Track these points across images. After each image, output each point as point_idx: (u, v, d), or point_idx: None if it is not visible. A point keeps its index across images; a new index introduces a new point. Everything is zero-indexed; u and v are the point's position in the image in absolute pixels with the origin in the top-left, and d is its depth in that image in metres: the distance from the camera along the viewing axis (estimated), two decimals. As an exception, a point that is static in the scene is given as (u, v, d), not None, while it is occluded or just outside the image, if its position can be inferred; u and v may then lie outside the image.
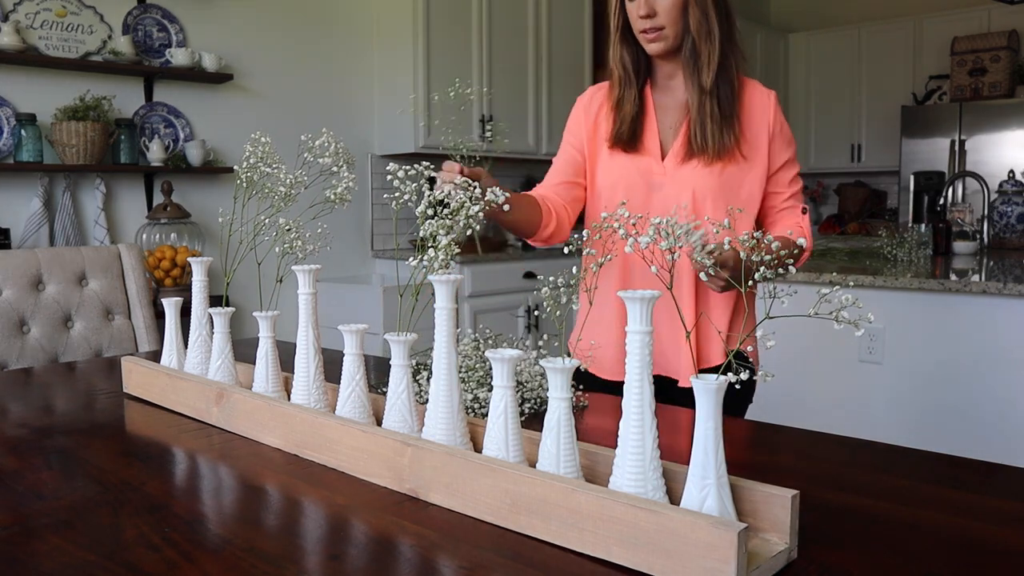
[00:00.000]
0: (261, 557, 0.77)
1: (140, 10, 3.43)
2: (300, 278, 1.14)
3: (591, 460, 0.89)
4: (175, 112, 3.54)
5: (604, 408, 1.33)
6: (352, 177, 1.14)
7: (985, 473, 1.03)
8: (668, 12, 1.46)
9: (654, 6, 1.46)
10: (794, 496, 0.75)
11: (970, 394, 2.53)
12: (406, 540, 0.81)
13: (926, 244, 3.34)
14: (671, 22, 1.46)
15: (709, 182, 1.50)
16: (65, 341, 2.08)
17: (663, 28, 1.47)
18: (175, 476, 1.03)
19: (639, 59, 1.56)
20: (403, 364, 1.01)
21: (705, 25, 1.46)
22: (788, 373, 2.81)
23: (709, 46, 1.47)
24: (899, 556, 0.77)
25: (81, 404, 1.43)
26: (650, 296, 0.78)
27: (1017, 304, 2.42)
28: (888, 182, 6.37)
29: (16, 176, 3.11)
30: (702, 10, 1.46)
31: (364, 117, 4.27)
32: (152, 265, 3.22)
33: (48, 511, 0.88)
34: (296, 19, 3.96)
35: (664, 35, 1.48)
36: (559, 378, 0.83)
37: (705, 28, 1.46)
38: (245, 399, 1.15)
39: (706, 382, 0.74)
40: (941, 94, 5.82)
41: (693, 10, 1.46)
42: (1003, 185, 3.77)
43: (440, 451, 0.89)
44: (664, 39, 1.48)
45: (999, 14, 5.61)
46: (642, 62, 1.57)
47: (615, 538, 0.74)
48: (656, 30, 1.47)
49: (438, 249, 0.96)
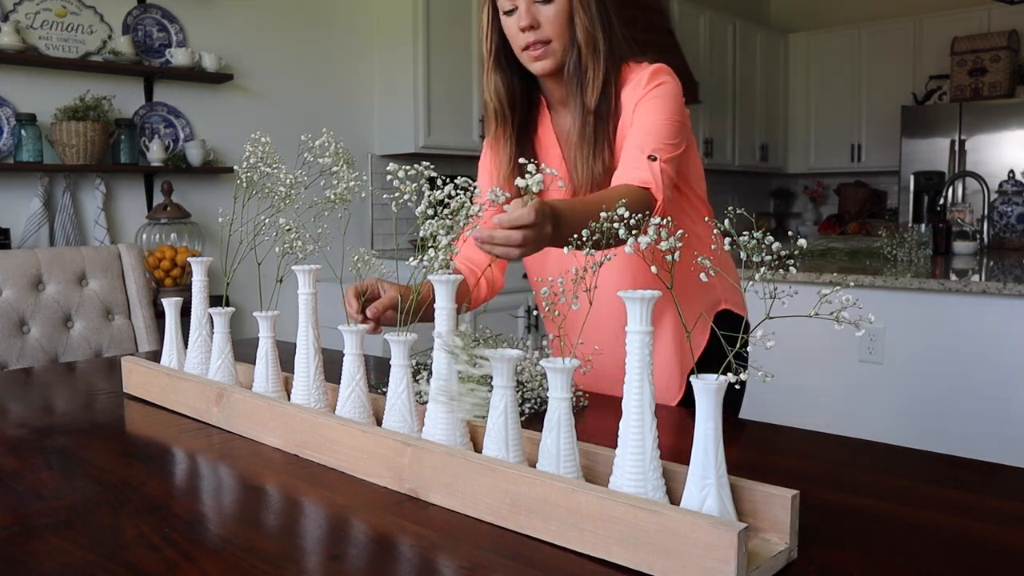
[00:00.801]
0: (261, 557, 0.77)
1: (140, 10, 3.43)
2: (300, 278, 1.14)
3: (591, 460, 0.89)
4: (175, 112, 3.54)
5: (604, 408, 1.33)
6: (355, 175, 1.14)
7: (985, 473, 1.03)
8: (552, 23, 1.28)
9: (537, 17, 1.28)
10: (794, 496, 0.75)
11: (970, 394, 2.53)
12: (406, 540, 0.81)
13: (926, 244, 3.34)
14: (557, 34, 1.29)
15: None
16: (65, 341, 2.08)
17: (549, 42, 1.29)
18: (175, 476, 1.03)
19: (514, 88, 1.37)
20: (403, 364, 1.01)
21: (592, 34, 1.29)
22: (788, 373, 2.81)
23: (595, 60, 1.30)
24: (899, 556, 0.77)
25: (81, 404, 1.43)
26: (650, 296, 0.78)
27: (1017, 304, 2.42)
28: (888, 182, 6.38)
29: (16, 176, 3.11)
30: (588, 16, 1.29)
31: (364, 117, 4.27)
32: (152, 265, 3.22)
33: (48, 511, 0.88)
34: (296, 19, 3.96)
35: (552, 49, 1.30)
36: (559, 378, 0.83)
37: (592, 38, 1.29)
38: (245, 399, 1.15)
39: (706, 382, 0.74)
40: (941, 94, 5.82)
41: (580, 18, 1.28)
42: (1003, 185, 3.77)
43: (440, 451, 0.89)
44: (552, 54, 1.30)
45: (999, 14, 5.61)
46: (518, 92, 1.38)
47: (615, 538, 0.74)
48: (542, 44, 1.29)
49: (438, 249, 0.96)
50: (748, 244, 0.73)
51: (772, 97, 6.62)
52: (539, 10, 1.28)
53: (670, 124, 1.28)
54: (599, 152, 1.30)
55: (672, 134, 1.27)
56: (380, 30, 4.25)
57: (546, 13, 1.28)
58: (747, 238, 0.73)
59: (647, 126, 1.27)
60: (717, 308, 1.50)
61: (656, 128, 1.26)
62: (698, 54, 5.80)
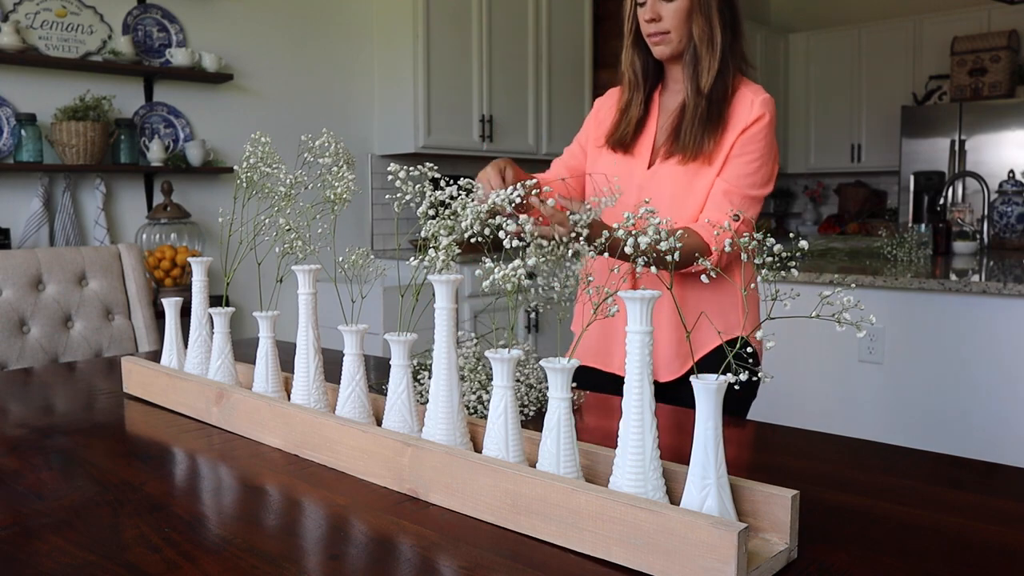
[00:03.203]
0: (261, 557, 0.77)
1: (140, 10, 3.43)
2: (300, 278, 1.14)
3: (591, 460, 0.89)
4: (175, 112, 3.54)
5: (604, 408, 1.33)
6: (352, 177, 1.14)
7: (985, 473, 1.03)
8: (672, 17, 1.50)
9: (660, 11, 1.50)
10: (794, 496, 0.75)
11: (970, 394, 2.53)
12: (406, 540, 0.81)
13: (926, 244, 3.34)
14: (676, 27, 1.50)
15: (681, 182, 1.52)
16: (65, 341, 2.08)
17: (668, 32, 1.51)
18: (175, 476, 1.03)
19: (648, 64, 1.60)
20: (403, 364, 1.01)
21: (708, 33, 1.50)
22: (788, 373, 2.81)
23: (710, 53, 1.50)
24: (899, 556, 0.77)
25: (81, 404, 1.43)
26: (650, 296, 0.78)
27: (1017, 304, 2.42)
28: (888, 182, 6.38)
29: (16, 176, 3.11)
30: (706, 18, 1.50)
31: (364, 117, 4.27)
32: (152, 265, 3.22)
33: (48, 511, 0.88)
34: (296, 19, 3.96)
35: (669, 39, 1.52)
36: (559, 378, 0.83)
37: (707, 36, 1.50)
38: (245, 399, 1.15)
39: (706, 382, 0.74)
40: (941, 94, 5.82)
41: (697, 17, 1.50)
42: (1003, 185, 3.77)
43: (440, 451, 0.89)
44: (669, 43, 1.52)
45: (999, 14, 5.61)
46: (651, 67, 1.60)
47: (615, 538, 0.74)
48: (662, 34, 1.52)
49: (439, 250, 0.96)
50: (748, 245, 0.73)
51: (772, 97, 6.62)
52: (662, 6, 1.50)
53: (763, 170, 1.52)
54: (711, 130, 1.50)
55: (761, 183, 1.52)
56: (380, 30, 4.25)
57: (667, 9, 1.50)
58: (748, 239, 0.73)
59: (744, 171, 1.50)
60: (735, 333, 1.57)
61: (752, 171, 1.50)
62: (698, 54, 5.79)
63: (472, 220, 0.95)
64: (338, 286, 1.09)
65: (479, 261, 0.90)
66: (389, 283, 3.82)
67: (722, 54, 1.51)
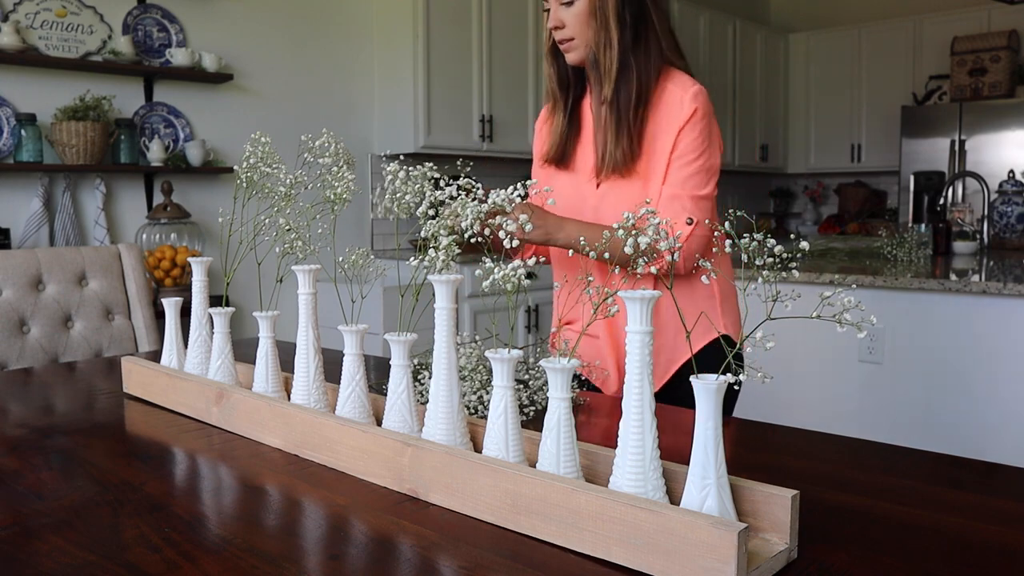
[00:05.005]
0: (261, 557, 0.77)
1: (140, 10, 3.43)
2: (300, 278, 1.14)
3: (591, 460, 0.89)
4: (175, 112, 3.54)
5: (604, 408, 1.33)
6: (352, 178, 1.13)
7: (985, 473, 1.03)
8: (574, 23, 1.46)
9: (562, 18, 1.46)
10: (794, 496, 0.75)
11: (970, 394, 2.53)
12: (406, 540, 0.81)
13: (926, 244, 3.34)
14: (578, 32, 1.46)
15: (633, 197, 1.45)
16: (65, 341, 2.08)
17: (573, 39, 1.47)
18: (175, 476, 1.03)
19: (565, 73, 1.55)
20: (403, 364, 1.01)
21: (604, 36, 1.44)
22: (788, 373, 2.81)
23: (608, 58, 1.44)
24: (899, 556, 0.77)
25: (81, 404, 1.43)
26: (650, 296, 0.78)
27: (1017, 304, 2.42)
28: (888, 182, 6.38)
29: (16, 176, 3.11)
30: (602, 21, 1.44)
31: (364, 117, 4.27)
32: (152, 265, 3.22)
33: (48, 511, 0.88)
34: (296, 19, 3.96)
35: (574, 45, 1.47)
36: (559, 378, 0.83)
37: (604, 40, 1.44)
38: (245, 399, 1.15)
39: (706, 382, 0.74)
40: (941, 94, 5.82)
41: (592, 21, 1.44)
42: (1003, 185, 3.77)
43: (440, 451, 0.89)
44: (575, 49, 1.48)
45: (999, 14, 5.61)
46: (570, 76, 1.55)
47: (615, 538, 0.74)
48: (567, 40, 1.47)
49: (439, 250, 0.96)
50: (749, 246, 0.73)
51: (772, 97, 6.62)
52: (564, 12, 1.46)
53: (706, 167, 1.45)
54: (620, 138, 1.44)
55: (706, 181, 1.45)
56: (380, 30, 4.25)
57: (569, 15, 1.46)
58: (748, 240, 0.73)
59: (687, 173, 1.44)
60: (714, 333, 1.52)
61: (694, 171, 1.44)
62: (698, 54, 5.80)
63: (472, 220, 0.95)
64: (338, 286, 1.09)
65: (479, 261, 0.90)
66: (389, 283, 3.82)
67: (622, 57, 1.44)
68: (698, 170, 1.44)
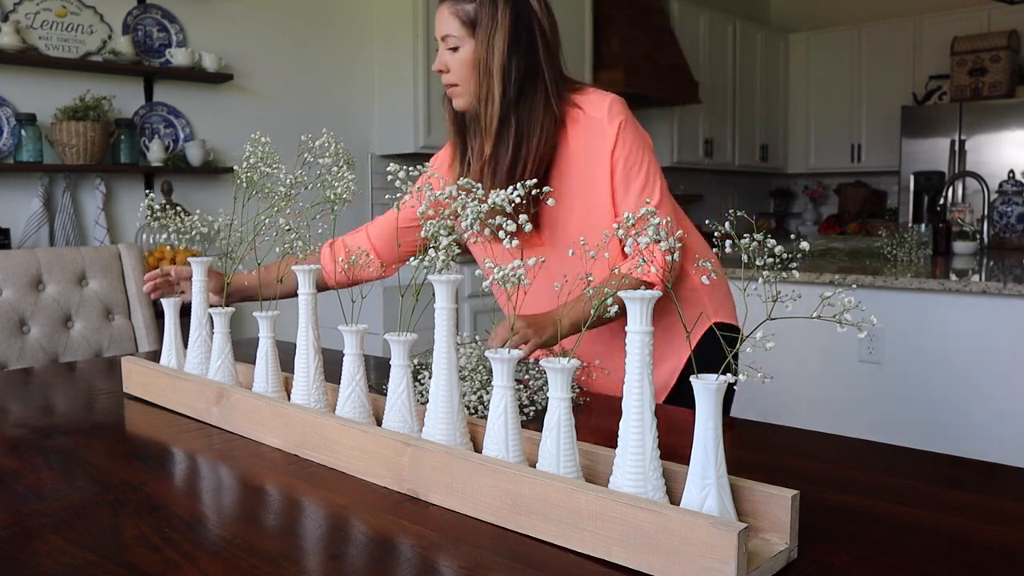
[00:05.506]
0: (261, 557, 0.77)
1: (140, 10, 3.43)
2: (300, 278, 1.14)
3: (591, 460, 0.89)
4: (175, 112, 3.54)
5: (604, 408, 1.33)
6: (352, 178, 1.13)
7: (985, 473, 1.03)
8: (458, 70, 1.38)
9: (447, 63, 1.38)
10: (794, 496, 0.75)
11: (970, 394, 2.53)
12: (406, 540, 0.81)
13: (926, 244, 3.34)
14: (462, 80, 1.38)
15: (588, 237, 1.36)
16: (65, 341, 2.08)
17: (457, 85, 1.39)
18: (175, 476, 1.03)
19: (462, 120, 1.45)
20: (403, 364, 1.01)
21: (486, 88, 1.35)
22: (788, 373, 2.81)
23: (489, 110, 1.35)
24: (899, 556, 0.77)
25: (81, 404, 1.43)
26: (650, 296, 0.78)
27: (1017, 304, 2.42)
28: (888, 182, 6.38)
29: (16, 176, 3.11)
30: (484, 72, 1.35)
31: (364, 117, 4.27)
32: (152, 265, 3.22)
33: (48, 511, 0.88)
34: (296, 19, 3.96)
35: (459, 92, 1.39)
36: (559, 378, 0.83)
37: (485, 91, 1.35)
38: (245, 399, 1.15)
39: (706, 382, 0.74)
40: (941, 94, 5.82)
41: (473, 72, 1.36)
42: (1003, 185, 3.77)
43: (440, 451, 0.89)
44: (460, 96, 1.40)
45: (999, 14, 5.61)
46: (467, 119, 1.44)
47: (615, 538, 0.74)
48: (452, 86, 1.40)
49: (439, 250, 0.96)
50: (749, 247, 0.73)
51: (772, 97, 6.62)
52: (450, 57, 1.38)
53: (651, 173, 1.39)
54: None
55: (655, 185, 1.38)
56: (380, 30, 4.25)
57: (454, 61, 1.38)
58: (748, 240, 0.73)
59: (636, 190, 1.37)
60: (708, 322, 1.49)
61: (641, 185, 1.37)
62: (698, 54, 5.79)
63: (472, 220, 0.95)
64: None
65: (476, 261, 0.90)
66: (389, 283, 3.82)
67: (502, 116, 1.34)
68: (646, 181, 1.38)
